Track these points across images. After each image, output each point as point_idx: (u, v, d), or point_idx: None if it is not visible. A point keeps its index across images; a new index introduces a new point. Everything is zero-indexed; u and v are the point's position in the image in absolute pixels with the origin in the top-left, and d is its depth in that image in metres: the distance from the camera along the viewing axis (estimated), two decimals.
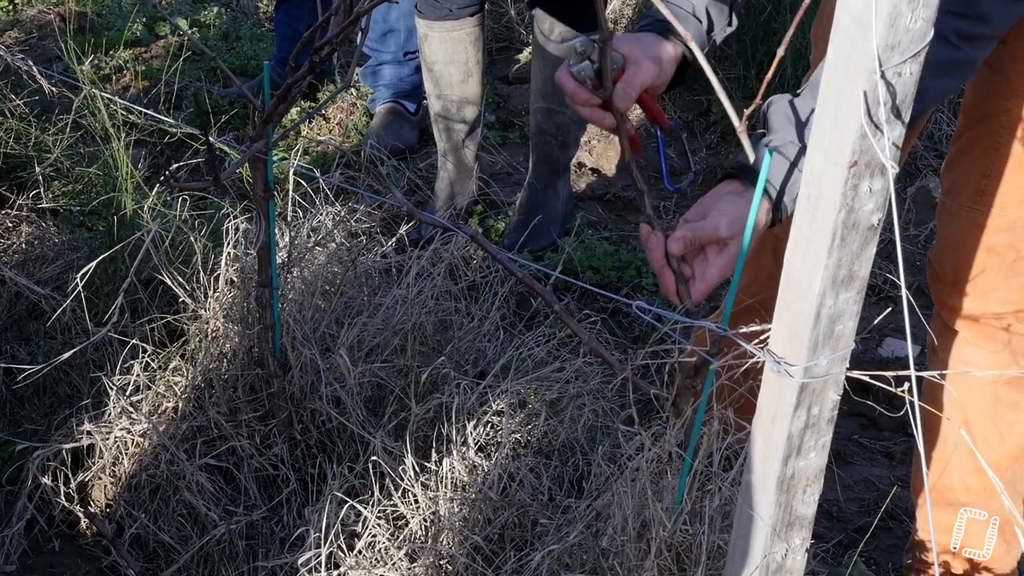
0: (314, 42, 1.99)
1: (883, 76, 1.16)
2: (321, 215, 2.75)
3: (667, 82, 1.88)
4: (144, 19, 4.86)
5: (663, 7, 1.41)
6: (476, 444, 2.26)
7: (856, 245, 1.28)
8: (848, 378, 1.39)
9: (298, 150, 3.49)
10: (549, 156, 3.58)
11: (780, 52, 1.31)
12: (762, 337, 1.41)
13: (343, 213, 2.79)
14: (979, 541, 2.28)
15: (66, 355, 2.39)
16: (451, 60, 3.50)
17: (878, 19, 1.13)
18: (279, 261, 2.42)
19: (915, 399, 1.31)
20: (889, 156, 1.21)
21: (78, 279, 2.31)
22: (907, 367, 1.28)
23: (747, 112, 1.39)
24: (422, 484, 2.19)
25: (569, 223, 3.64)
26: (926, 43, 1.16)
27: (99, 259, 2.43)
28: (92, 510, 2.42)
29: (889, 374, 1.34)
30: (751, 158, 1.45)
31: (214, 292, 2.57)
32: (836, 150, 1.22)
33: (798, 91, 1.70)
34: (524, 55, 4.73)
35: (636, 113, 1.85)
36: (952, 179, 2.13)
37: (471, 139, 3.64)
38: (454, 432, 2.25)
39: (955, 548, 2.29)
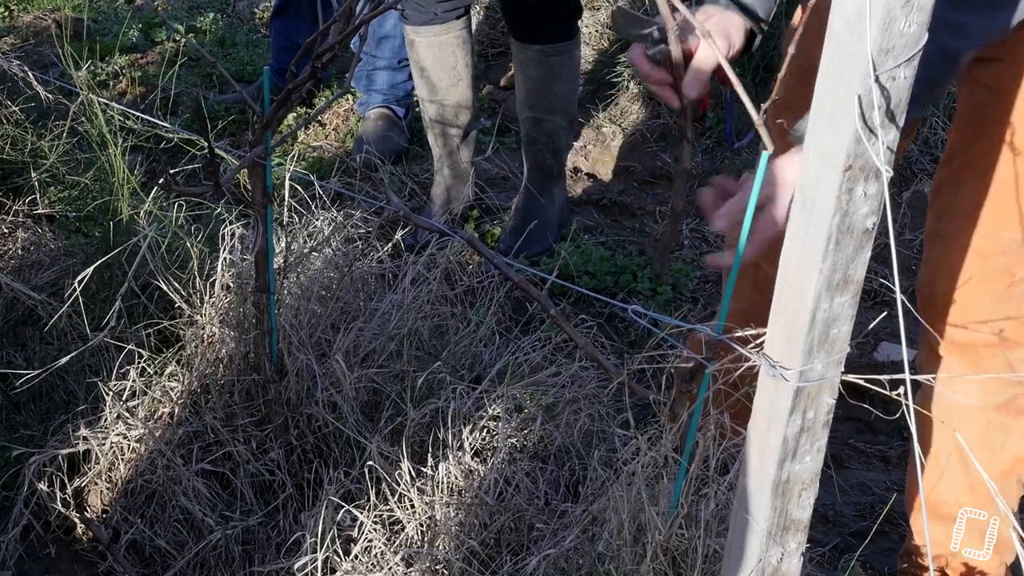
0: (314, 50, 2.00)
1: (877, 80, 1.16)
2: (318, 220, 2.75)
3: (738, 55, 1.89)
4: (140, 25, 4.86)
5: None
6: (472, 449, 2.26)
7: (851, 249, 1.28)
8: (844, 382, 1.39)
9: (295, 156, 3.49)
10: (542, 163, 3.58)
11: (781, 73, 1.32)
12: (757, 341, 1.41)
13: (339, 218, 2.79)
14: (979, 541, 2.27)
15: (62, 360, 2.39)
16: (440, 64, 3.50)
17: (872, 23, 1.13)
18: (275, 266, 2.42)
19: (911, 403, 1.31)
20: (884, 160, 1.21)
21: (76, 284, 2.31)
22: (902, 371, 1.28)
23: (764, 106, 1.39)
24: (418, 489, 2.19)
25: (565, 228, 3.65)
26: (920, 47, 1.17)
27: (96, 265, 2.43)
28: (88, 515, 2.42)
29: (884, 378, 1.34)
30: (770, 148, 1.45)
31: (210, 297, 2.57)
32: (831, 154, 1.22)
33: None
34: None
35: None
36: (943, 204, 2.06)
37: (466, 144, 3.64)
38: (450, 437, 2.26)
39: (955, 548, 2.29)
